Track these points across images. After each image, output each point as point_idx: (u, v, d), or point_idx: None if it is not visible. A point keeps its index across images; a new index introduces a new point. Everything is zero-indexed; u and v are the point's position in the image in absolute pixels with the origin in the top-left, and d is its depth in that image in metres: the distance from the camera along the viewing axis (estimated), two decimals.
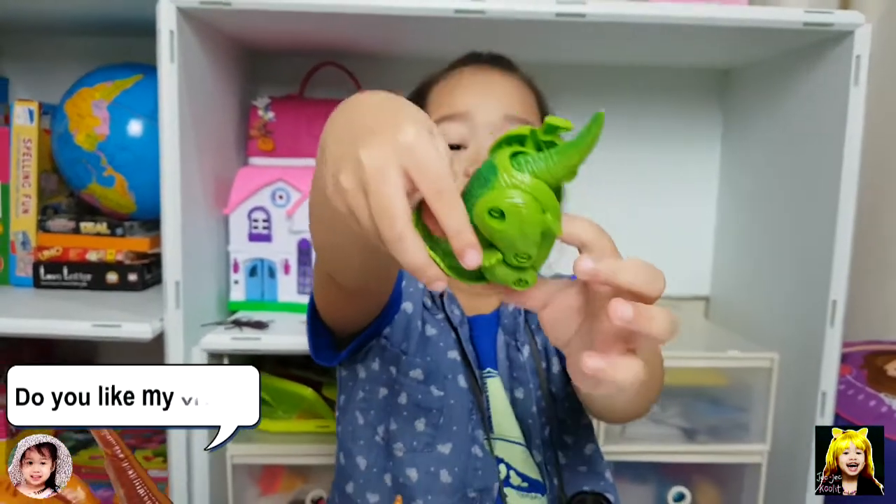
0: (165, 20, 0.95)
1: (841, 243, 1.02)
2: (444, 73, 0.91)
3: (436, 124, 0.72)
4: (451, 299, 0.86)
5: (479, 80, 0.88)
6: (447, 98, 0.87)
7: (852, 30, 0.99)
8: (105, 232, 1.21)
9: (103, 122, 1.13)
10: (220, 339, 1.03)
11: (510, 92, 0.87)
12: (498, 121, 0.82)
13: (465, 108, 0.83)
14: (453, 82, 0.88)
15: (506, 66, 0.91)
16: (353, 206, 0.45)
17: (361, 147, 0.45)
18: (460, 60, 0.93)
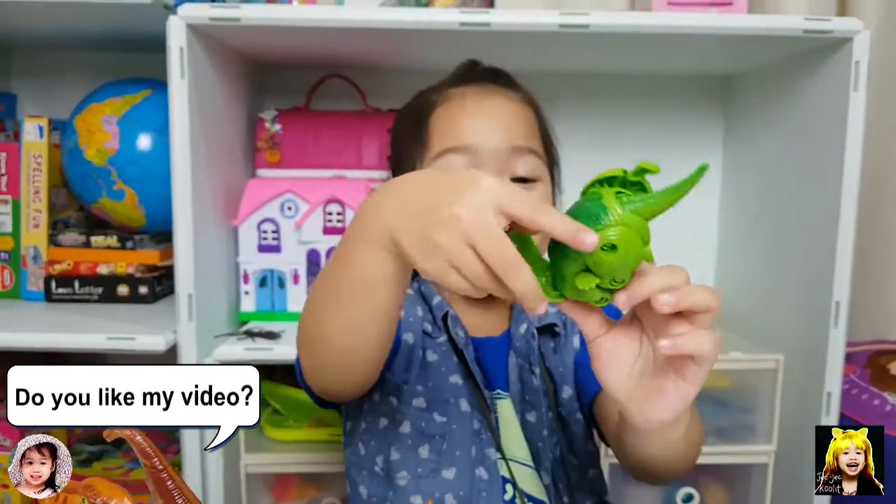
0: (176, 37, 0.97)
1: (843, 245, 1.03)
2: (443, 95, 0.88)
3: (439, 156, 0.82)
4: (454, 321, 0.84)
5: (483, 108, 0.85)
6: (450, 129, 0.84)
7: (851, 36, 1.00)
8: (115, 245, 1.22)
9: (113, 136, 1.15)
10: (232, 350, 1.04)
11: (514, 118, 0.85)
12: (504, 152, 0.81)
13: (469, 141, 0.82)
14: (456, 110, 0.85)
15: (507, 84, 0.89)
16: (459, 259, 0.48)
17: (452, 204, 0.48)
18: (459, 77, 0.91)
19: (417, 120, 0.88)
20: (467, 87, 0.87)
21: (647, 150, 1.42)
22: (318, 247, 1.15)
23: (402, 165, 0.89)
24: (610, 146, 1.41)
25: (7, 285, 1.25)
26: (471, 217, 0.48)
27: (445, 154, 0.82)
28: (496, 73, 0.91)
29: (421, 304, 0.86)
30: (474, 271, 0.48)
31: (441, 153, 0.82)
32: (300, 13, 0.99)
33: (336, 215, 1.14)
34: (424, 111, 0.88)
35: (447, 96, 0.87)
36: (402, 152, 0.90)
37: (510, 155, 0.81)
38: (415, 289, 0.89)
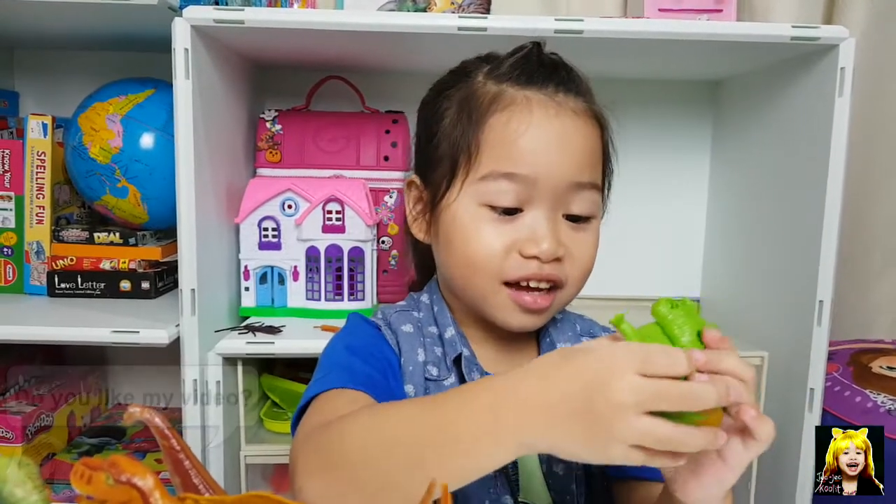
0: (180, 38, 0.99)
1: (827, 246, 1.06)
2: (504, 98, 0.74)
3: (487, 178, 0.72)
4: (470, 363, 0.75)
5: (550, 129, 0.72)
6: (508, 148, 0.72)
7: (837, 43, 1.03)
8: (118, 241, 1.25)
9: (117, 135, 1.17)
10: (234, 344, 1.07)
11: (582, 146, 0.74)
12: (563, 188, 0.72)
13: (528, 171, 0.71)
14: (518, 124, 0.72)
15: (578, 91, 0.76)
16: (642, 435, 0.49)
17: (609, 393, 0.49)
18: (524, 72, 0.75)
19: (468, 117, 0.75)
20: (533, 93, 0.74)
21: (637, 154, 1.45)
22: (317, 244, 1.18)
23: (436, 164, 0.78)
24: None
25: (10, 280, 1.27)
26: (635, 395, 0.49)
27: (496, 178, 0.72)
28: (567, 72, 0.77)
29: (422, 343, 0.78)
30: (660, 438, 0.49)
31: (490, 175, 0.72)
32: (302, 16, 1.02)
33: (335, 213, 1.17)
34: (478, 109, 0.75)
35: (509, 100, 0.74)
36: (440, 148, 0.77)
37: (570, 190, 0.73)
38: (414, 322, 0.79)
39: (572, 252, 0.74)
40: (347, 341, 0.78)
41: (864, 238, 1.47)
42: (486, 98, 0.75)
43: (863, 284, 1.49)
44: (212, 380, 1.05)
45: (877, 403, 1.18)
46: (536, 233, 0.71)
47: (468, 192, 0.74)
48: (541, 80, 0.75)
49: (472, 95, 0.76)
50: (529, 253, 0.71)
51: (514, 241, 0.72)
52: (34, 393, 1.29)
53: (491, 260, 0.72)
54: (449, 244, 0.76)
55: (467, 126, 0.75)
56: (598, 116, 0.78)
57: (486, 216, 0.73)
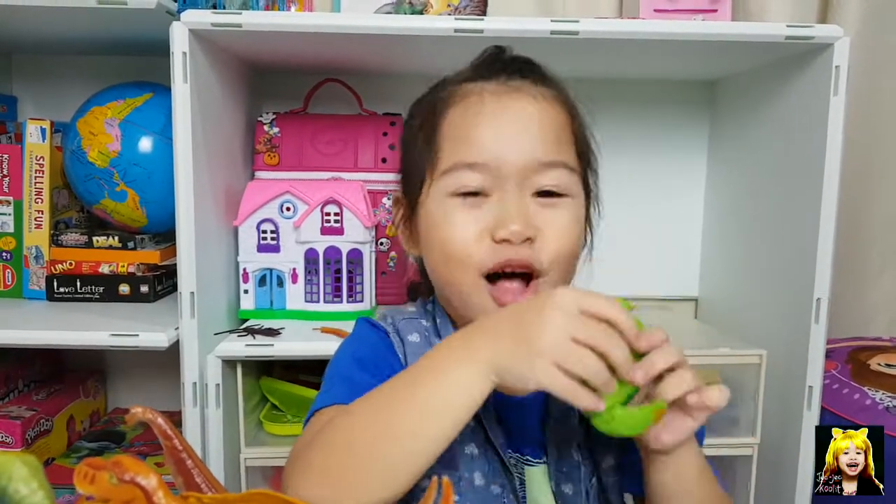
0: (179, 42, 0.99)
1: (824, 244, 1.07)
2: (458, 93, 0.75)
3: (450, 171, 0.72)
4: None
5: (504, 112, 0.72)
6: (464, 138, 0.72)
7: (832, 42, 1.04)
8: (117, 245, 1.25)
9: (116, 139, 1.18)
10: (234, 347, 1.07)
11: (543, 125, 0.73)
12: (528, 168, 0.71)
13: (486, 157, 0.71)
14: (471, 114, 0.73)
15: (538, 79, 0.76)
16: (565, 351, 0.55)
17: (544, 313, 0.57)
18: (480, 68, 0.77)
19: (428, 122, 0.76)
20: (487, 84, 0.75)
21: (634, 154, 1.46)
22: (316, 246, 1.18)
23: (410, 177, 0.78)
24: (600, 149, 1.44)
25: (9, 285, 1.28)
26: (565, 314, 0.56)
27: (459, 169, 0.72)
28: (525, 63, 0.78)
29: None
30: (583, 358, 0.55)
31: (453, 168, 0.72)
32: (299, 19, 1.02)
33: (333, 216, 1.17)
34: (435, 113, 0.76)
35: (463, 94, 0.75)
36: (410, 161, 0.79)
37: (535, 170, 0.71)
38: (421, 331, 0.79)
39: (545, 232, 0.71)
40: (354, 349, 0.78)
41: (862, 236, 1.48)
42: (444, 98, 0.76)
43: (860, 282, 1.50)
44: (211, 382, 1.05)
45: (875, 401, 1.18)
46: (504, 215, 0.70)
47: (436, 188, 0.74)
48: (497, 72, 0.76)
49: (433, 99, 0.78)
50: (500, 236, 0.70)
51: (485, 226, 0.71)
52: (33, 398, 1.30)
53: (466, 247, 0.71)
54: (427, 243, 0.76)
55: (429, 128, 0.76)
56: (564, 103, 0.77)
57: (455, 205, 0.72)
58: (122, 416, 1.45)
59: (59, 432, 1.29)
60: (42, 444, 1.23)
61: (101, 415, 1.46)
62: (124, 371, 1.50)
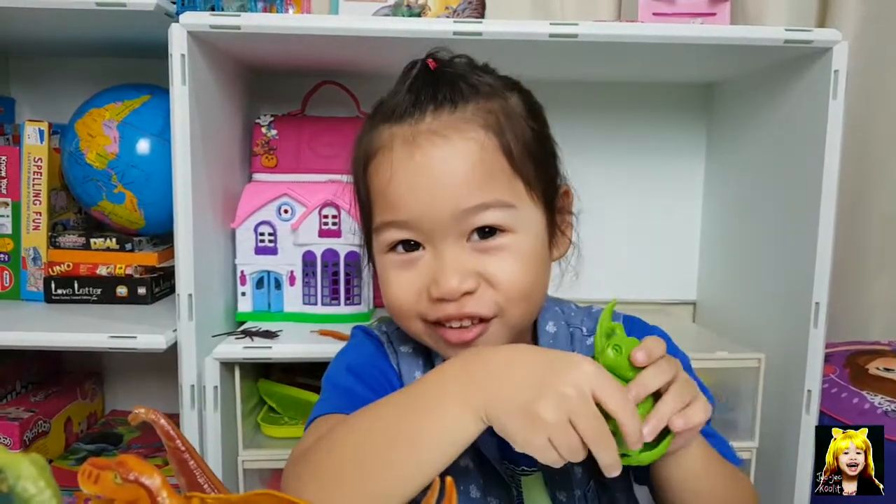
0: (177, 44, 0.99)
1: (822, 248, 1.06)
2: (374, 143, 0.71)
3: (381, 229, 0.70)
4: None
5: (416, 167, 0.67)
6: (383, 196, 0.69)
7: (831, 46, 1.04)
8: (115, 247, 1.25)
9: (114, 141, 1.17)
10: (232, 349, 1.07)
11: (461, 170, 0.67)
12: (450, 219, 0.67)
13: (405, 216, 0.68)
14: (384, 170, 0.69)
15: (456, 100, 0.69)
16: (561, 435, 0.54)
17: (559, 384, 0.55)
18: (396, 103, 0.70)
19: (357, 175, 0.75)
20: (398, 127, 0.69)
21: (633, 157, 1.46)
22: (313, 249, 1.18)
23: (364, 226, 0.78)
24: (596, 153, 1.45)
25: (7, 286, 1.27)
26: (577, 396, 0.54)
27: (385, 229, 0.70)
28: (439, 85, 0.70)
29: (419, 363, 0.78)
30: (572, 445, 0.54)
31: (381, 226, 0.70)
32: (298, 22, 1.02)
33: (332, 218, 1.17)
34: (360, 164, 0.74)
35: (379, 143, 0.71)
36: (359, 210, 0.78)
37: (461, 218, 0.67)
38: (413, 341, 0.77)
39: (490, 278, 0.68)
40: (349, 360, 0.78)
41: (859, 239, 1.48)
42: (365, 143, 0.73)
43: (858, 286, 1.50)
44: (209, 385, 1.05)
45: (874, 405, 1.18)
46: (438, 272, 0.67)
47: (376, 244, 0.73)
48: (409, 108, 0.69)
49: (361, 140, 0.74)
50: (435, 295, 0.67)
51: (421, 284, 0.69)
52: (31, 399, 1.29)
53: (406, 306, 0.70)
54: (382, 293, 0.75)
55: (360, 180, 0.74)
56: (487, 124, 0.68)
57: (392, 263, 0.71)
58: (119, 418, 1.45)
59: (57, 434, 1.29)
60: (40, 445, 1.23)
61: (99, 416, 1.46)
62: (122, 373, 1.50)
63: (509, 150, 0.69)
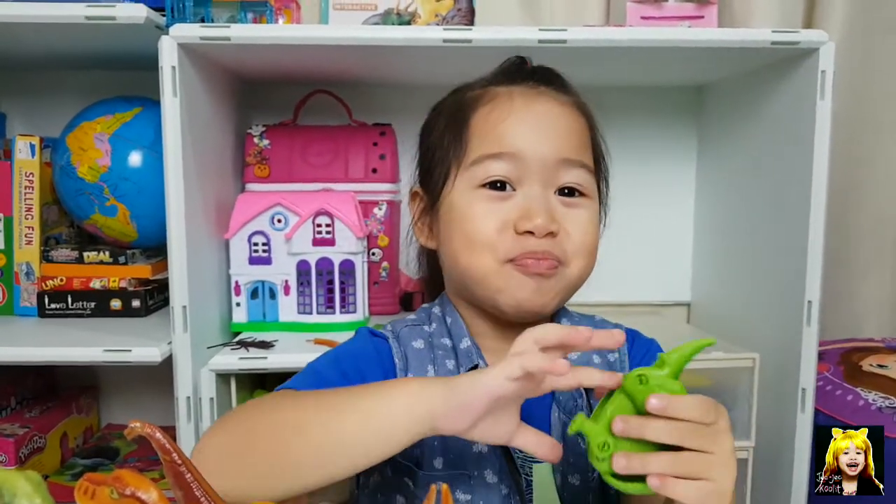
0: (167, 56, 0.99)
1: (813, 246, 1.07)
2: (487, 94, 0.80)
3: (478, 161, 0.76)
4: None
5: (532, 112, 0.77)
6: (494, 132, 0.76)
7: (817, 47, 1.04)
8: (108, 260, 1.24)
9: (105, 154, 1.17)
10: (227, 360, 1.06)
11: (567, 127, 0.78)
12: (552, 163, 0.75)
13: (515, 149, 0.75)
14: (501, 111, 0.77)
15: (560, 87, 0.82)
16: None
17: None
18: (507, 75, 0.83)
19: (456, 119, 0.80)
20: (515, 87, 0.80)
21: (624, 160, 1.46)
22: (307, 258, 1.18)
23: (433, 170, 0.82)
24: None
25: (0, 302, 1.27)
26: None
27: (486, 160, 0.75)
28: (547, 72, 0.84)
29: (432, 359, 0.78)
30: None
31: (481, 158, 0.76)
32: (288, 31, 1.03)
33: (325, 227, 1.17)
34: (464, 110, 0.80)
35: (492, 95, 0.79)
36: (435, 154, 0.82)
37: (558, 166, 0.75)
38: (425, 336, 0.80)
39: (567, 228, 0.75)
40: (337, 350, 0.80)
41: (850, 237, 1.49)
42: (471, 99, 0.81)
43: (850, 284, 1.51)
44: (205, 396, 1.05)
45: (868, 401, 1.19)
46: (529, 208, 0.73)
47: (462, 180, 0.77)
48: (523, 78, 0.81)
49: (457, 103, 0.82)
50: (523, 228, 0.73)
51: (508, 218, 0.74)
52: (26, 415, 1.29)
53: (488, 236, 0.74)
54: (449, 232, 0.78)
55: (455, 126, 0.80)
56: (583, 110, 0.82)
57: (481, 196, 0.75)
58: (115, 432, 1.44)
59: (53, 449, 1.28)
60: (36, 461, 1.23)
61: (95, 431, 1.45)
62: (117, 387, 1.50)
63: (594, 136, 0.83)
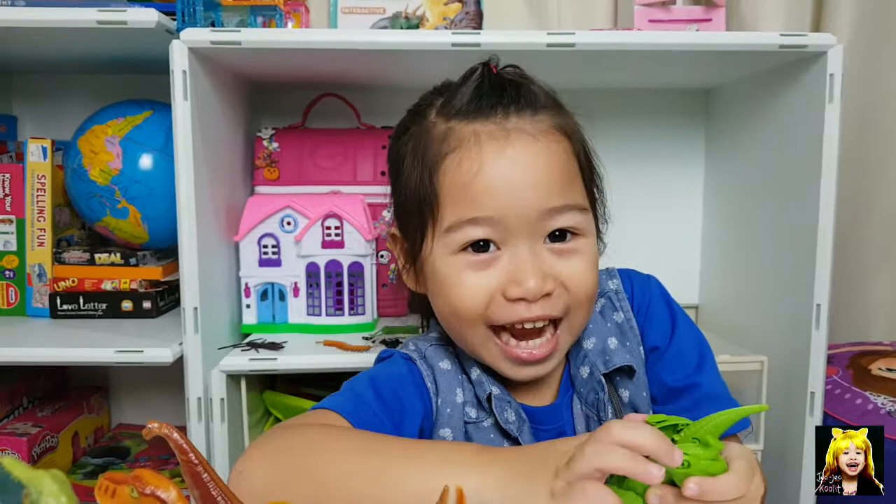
0: (178, 60, 1.00)
1: (822, 250, 1.07)
2: (453, 138, 0.70)
3: (455, 228, 0.68)
4: (501, 403, 0.73)
5: (505, 161, 0.67)
6: (466, 194, 0.68)
7: (825, 50, 1.04)
8: (119, 262, 1.25)
9: (117, 157, 1.18)
10: (238, 361, 1.07)
11: (546, 170, 0.68)
12: (535, 217, 0.68)
13: (492, 212, 0.67)
14: (471, 163, 0.68)
15: (532, 108, 0.71)
16: None
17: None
18: (471, 103, 0.71)
19: (424, 164, 0.72)
20: (481, 125, 0.69)
21: (632, 163, 1.47)
22: (317, 260, 1.19)
23: (409, 219, 0.74)
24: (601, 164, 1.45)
25: (12, 303, 1.28)
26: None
27: (463, 226, 0.68)
28: (518, 90, 0.72)
29: (460, 381, 0.76)
30: None
31: (457, 225, 0.68)
32: (298, 36, 1.03)
33: (334, 229, 1.18)
34: (430, 156, 0.71)
35: (457, 141, 0.70)
36: (407, 202, 0.74)
37: (543, 218, 0.68)
38: (450, 357, 0.77)
39: (565, 281, 0.69)
40: (375, 372, 0.76)
41: (859, 240, 1.49)
42: (435, 140, 0.71)
43: (859, 287, 1.50)
44: (216, 397, 1.06)
45: (877, 405, 1.19)
46: (517, 272, 0.67)
47: (440, 244, 0.71)
48: (489, 108, 0.70)
49: (423, 138, 0.73)
50: (514, 295, 0.67)
51: (496, 284, 0.68)
52: (38, 414, 1.30)
53: (475, 308, 0.69)
54: (435, 298, 0.74)
55: (422, 174, 0.71)
56: (563, 129, 0.72)
57: (462, 263, 0.69)
58: (126, 432, 1.46)
59: (65, 448, 1.29)
60: (48, 460, 1.24)
61: (105, 431, 1.47)
62: (127, 387, 1.51)
63: (579, 158, 0.73)
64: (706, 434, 0.53)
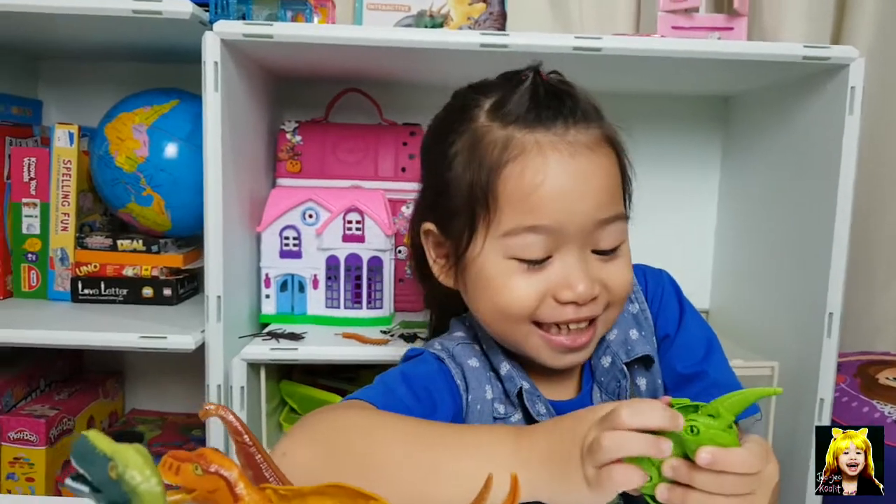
0: (211, 52, 1.01)
1: (836, 259, 1.08)
2: (515, 146, 0.71)
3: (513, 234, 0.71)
4: (532, 396, 0.76)
5: (568, 176, 0.70)
6: (529, 201, 0.70)
7: (847, 63, 1.05)
8: (141, 249, 1.27)
9: (143, 144, 1.20)
10: (259, 350, 1.09)
11: (602, 181, 0.72)
12: (589, 227, 0.71)
13: (554, 220, 0.70)
14: (535, 172, 0.70)
15: (586, 119, 0.74)
16: None
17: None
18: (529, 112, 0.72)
19: (481, 166, 0.73)
20: (543, 135, 0.71)
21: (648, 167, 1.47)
22: (337, 253, 1.20)
23: (454, 217, 0.75)
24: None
25: (34, 286, 1.30)
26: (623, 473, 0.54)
27: (521, 233, 0.71)
28: (573, 100, 0.74)
29: (488, 378, 0.78)
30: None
31: (517, 230, 0.71)
32: (329, 31, 1.05)
33: (355, 223, 1.19)
34: (490, 160, 0.72)
35: (520, 148, 0.71)
36: (455, 199, 0.75)
37: (595, 228, 0.71)
38: (478, 355, 0.80)
39: (607, 283, 0.73)
40: (406, 368, 0.78)
41: (870, 251, 1.50)
42: (495, 146, 0.72)
43: (868, 296, 1.52)
44: (236, 385, 1.07)
45: (884, 414, 1.20)
46: (570, 277, 0.70)
47: (493, 247, 0.72)
48: (549, 119, 0.72)
49: (479, 142, 0.74)
50: (566, 299, 0.71)
51: (546, 288, 0.71)
52: (55, 397, 1.32)
53: (524, 310, 0.72)
54: (479, 297, 0.76)
55: (480, 177, 0.72)
56: (611, 141, 0.76)
57: (514, 268, 0.72)
58: (139, 417, 1.47)
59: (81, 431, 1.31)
60: (65, 442, 1.26)
61: (120, 415, 1.48)
62: (142, 373, 1.53)
63: (623, 170, 0.77)
64: (718, 407, 0.56)
